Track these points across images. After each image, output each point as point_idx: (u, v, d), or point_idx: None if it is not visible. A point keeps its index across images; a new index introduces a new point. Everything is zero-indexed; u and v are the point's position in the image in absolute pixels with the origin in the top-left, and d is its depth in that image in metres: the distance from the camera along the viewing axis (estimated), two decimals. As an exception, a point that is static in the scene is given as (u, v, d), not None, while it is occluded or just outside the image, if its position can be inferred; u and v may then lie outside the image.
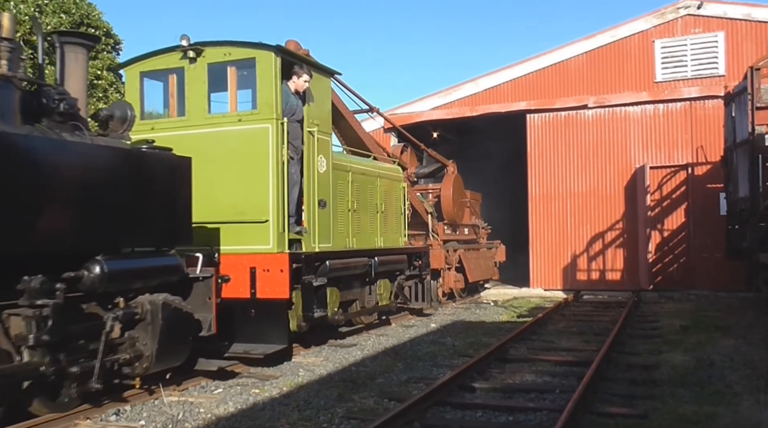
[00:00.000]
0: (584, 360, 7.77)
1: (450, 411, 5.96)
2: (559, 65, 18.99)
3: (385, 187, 11.26)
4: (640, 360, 8.11)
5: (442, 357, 8.60)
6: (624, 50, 18.32)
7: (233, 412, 5.94)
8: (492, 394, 6.59)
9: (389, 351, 9.04)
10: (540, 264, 18.92)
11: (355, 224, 9.89)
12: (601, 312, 13.33)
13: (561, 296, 16.87)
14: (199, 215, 7.39)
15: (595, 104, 18.39)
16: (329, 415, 5.80)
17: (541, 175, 19.05)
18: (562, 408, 5.55)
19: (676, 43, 17.84)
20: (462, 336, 10.43)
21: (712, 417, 5.58)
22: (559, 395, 6.39)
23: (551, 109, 18.87)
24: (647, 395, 6.36)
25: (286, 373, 7.60)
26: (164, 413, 5.90)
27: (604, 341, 8.89)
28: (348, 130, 12.01)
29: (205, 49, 8.29)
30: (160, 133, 8.09)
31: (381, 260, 10.44)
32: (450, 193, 15.64)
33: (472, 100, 20.03)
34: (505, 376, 7.39)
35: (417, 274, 12.31)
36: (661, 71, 17.96)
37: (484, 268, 17.50)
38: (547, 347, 9.25)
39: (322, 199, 8.67)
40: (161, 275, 6.44)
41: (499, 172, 27.71)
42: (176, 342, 6.38)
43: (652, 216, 17.70)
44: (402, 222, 11.95)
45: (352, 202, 9.74)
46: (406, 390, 6.66)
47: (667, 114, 17.79)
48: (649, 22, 18.10)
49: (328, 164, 8.91)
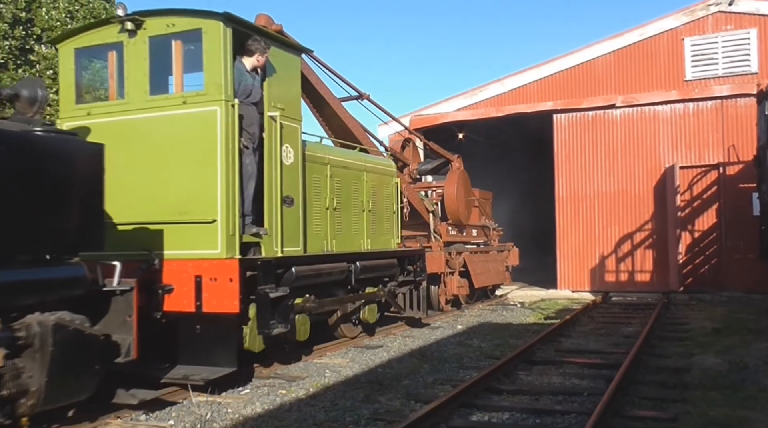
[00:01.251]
0: (613, 363, 7.68)
1: (476, 413, 5.93)
2: (587, 64, 18.81)
3: (374, 182, 10.15)
4: (670, 363, 7.98)
5: (468, 358, 8.56)
6: (653, 49, 18.07)
7: (260, 413, 5.99)
8: (519, 397, 6.55)
9: (415, 352, 9.03)
10: (567, 266, 18.74)
11: (335, 224, 8.93)
12: (630, 314, 13.16)
13: (589, 297, 16.68)
14: (138, 214, 6.80)
15: (623, 103, 18.18)
16: (355, 416, 5.81)
17: (568, 176, 18.88)
18: (590, 411, 5.49)
19: (706, 41, 17.55)
20: (488, 337, 10.38)
21: (744, 421, 5.47)
22: (588, 398, 6.31)
23: (578, 108, 18.69)
24: (678, 398, 6.26)
25: (312, 374, 7.63)
26: (192, 413, 5.96)
27: (633, 343, 8.77)
28: (333, 118, 10.91)
29: (146, 20, 7.04)
30: (98, 119, 7.17)
31: (364, 265, 9.18)
32: (454, 191, 14.44)
33: (498, 101, 19.92)
34: (533, 378, 7.33)
35: (411, 280, 10.93)
36: (691, 69, 17.68)
37: (494, 273, 16.21)
38: (575, 349, 9.16)
39: (289, 196, 7.55)
40: (57, 289, 5.20)
41: (525, 173, 27.55)
42: (75, 373, 5.09)
43: (682, 216, 17.43)
44: (395, 222, 10.84)
45: (331, 199, 8.79)
46: (433, 392, 6.64)
47: (697, 113, 17.51)
48: (679, 19, 17.83)
49: (296, 155, 7.77)
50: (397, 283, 10.53)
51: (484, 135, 23.59)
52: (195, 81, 7.17)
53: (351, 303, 9.45)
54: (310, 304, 7.90)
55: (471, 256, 14.70)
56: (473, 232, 16.04)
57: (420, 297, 11.35)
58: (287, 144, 7.59)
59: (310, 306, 7.92)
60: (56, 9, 17.73)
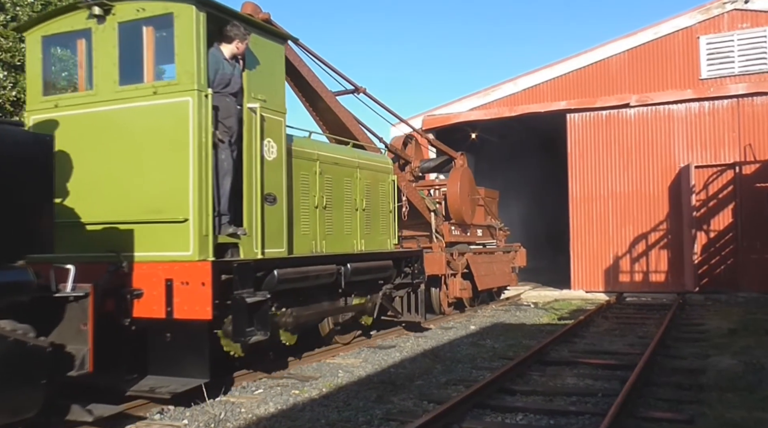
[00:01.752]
0: (628, 364, 7.63)
1: (490, 414, 5.92)
2: (600, 63, 18.70)
3: (368, 179, 9.64)
4: (686, 364, 7.92)
5: (481, 359, 8.53)
6: (667, 47, 17.94)
7: (274, 412, 6.00)
8: (533, 397, 6.52)
9: (428, 352, 9.01)
10: (581, 266, 18.65)
11: (325, 224, 8.47)
12: (644, 315, 13.07)
13: (603, 298, 16.59)
14: (106, 213, 6.40)
15: (637, 103, 18.06)
16: (368, 416, 5.81)
17: (582, 176, 18.78)
18: (604, 412, 5.46)
19: (722, 39, 17.39)
20: (502, 338, 10.34)
21: (761, 423, 5.42)
22: (602, 399, 6.28)
23: (592, 108, 18.60)
24: (693, 400, 6.21)
25: (325, 374, 7.64)
26: (206, 412, 5.99)
27: (648, 344, 8.71)
28: (327, 113, 10.37)
29: (115, 5, 6.59)
30: (66, 112, 6.76)
31: (356, 267, 8.57)
32: (457, 189, 13.81)
33: (511, 100, 19.86)
34: (546, 379, 7.29)
35: (409, 283, 10.36)
36: (706, 68, 17.53)
37: (499, 274, 15.48)
38: (589, 350, 9.11)
39: (271, 194, 7.02)
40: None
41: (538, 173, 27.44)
42: (16, 388, 4.57)
43: (697, 216, 17.29)
44: (391, 221, 10.30)
45: (320, 197, 8.31)
46: (446, 393, 6.63)
47: (713, 112, 17.35)
48: (694, 18, 17.69)
49: (280, 150, 7.23)
50: (393, 286, 10.02)
51: (497, 135, 23.55)
52: (171, 71, 6.72)
53: (338, 314, 8.90)
54: (287, 319, 7.39)
55: (474, 257, 14.12)
56: (478, 232, 15.46)
57: (418, 301, 10.68)
58: (269, 138, 7.06)
59: (287, 321, 7.40)
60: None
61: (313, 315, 8.15)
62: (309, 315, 7.99)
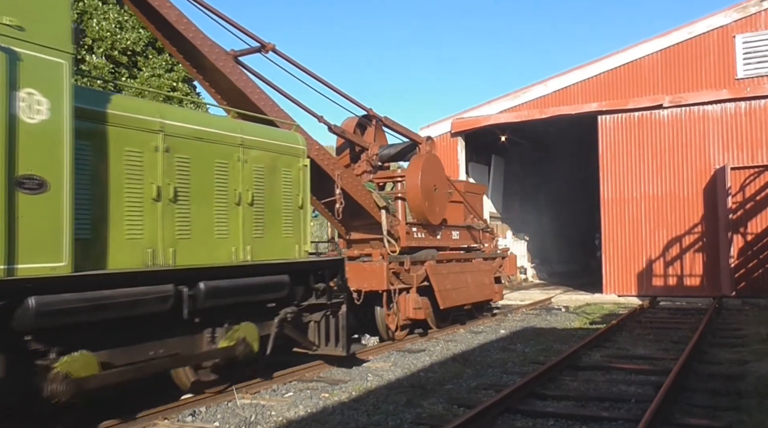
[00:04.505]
0: (662, 369, 7.49)
1: (521, 419, 5.86)
2: (632, 64, 18.45)
3: (261, 163, 7.30)
4: (723, 370, 7.74)
5: (512, 363, 8.46)
6: (702, 47, 17.63)
7: (304, 416, 6.02)
8: (564, 402, 6.43)
9: (458, 357, 8.97)
10: (613, 270, 18.39)
11: (175, 224, 6.18)
12: (679, 319, 12.83)
13: (636, 302, 16.34)
14: None
15: (670, 104, 17.78)
16: (398, 420, 5.79)
17: (613, 178, 18.54)
18: (638, 418, 5.36)
19: (759, 38, 17.03)
20: (532, 342, 10.24)
21: (803, 431, 5.26)
22: (635, 404, 6.17)
23: (624, 109, 18.36)
24: (731, 406, 6.06)
25: (355, 378, 7.65)
26: (237, 415, 6.04)
27: (683, 349, 8.54)
28: (223, 81, 8.34)
29: None
30: None
31: (214, 287, 6.19)
32: (417, 181, 10.95)
33: (541, 103, 19.69)
34: (578, 384, 7.19)
35: (323, 303, 7.86)
36: (742, 67, 17.18)
37: (474, 287, 12.34)
38: (622, 355, 8.96)
39: (33, 175, 4.70)
40: None
41: (568, 175, 27.17)
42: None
43: (734, 219, 16.92)
44: (300, 220, 7.86)
45: (165, 185, 6.07)
46: (476, 397, 6.59)
47: (749, 112, 16.99)
48: (729, 16, 17.35)
49: (55, 109, 4.88)
50: (296, 309, 7.53)
51: (526, 137, 23.37)
52: None
53: (188, 361, 6.37)
54: (60, 386, 4.86)
55: (437, 267, 11.21)
56: (453, 234, 12.63)
57: (339, 327, 8.03)
58: (31, 88, 4.73)
59: (61, 389, 4.86)
60: (106, 20, 18.26)
61: (140, 352, 5.71)
62: (132, 355, 5.60)
